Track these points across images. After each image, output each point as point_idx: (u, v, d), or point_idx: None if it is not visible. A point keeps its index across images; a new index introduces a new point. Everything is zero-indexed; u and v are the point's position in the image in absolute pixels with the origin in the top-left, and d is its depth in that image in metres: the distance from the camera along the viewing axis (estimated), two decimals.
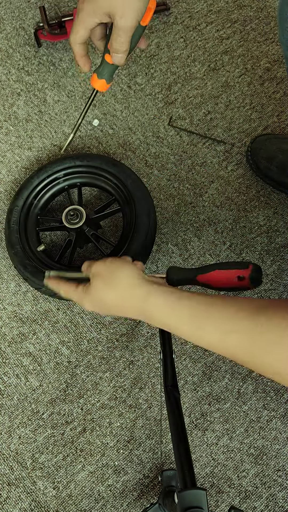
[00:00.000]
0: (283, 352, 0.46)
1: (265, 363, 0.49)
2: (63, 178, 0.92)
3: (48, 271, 0.70)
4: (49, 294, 0.82)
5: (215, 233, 0.94)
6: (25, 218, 0.87)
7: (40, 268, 0.81)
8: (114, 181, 0.89)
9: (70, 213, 0.84)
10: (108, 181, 0.90)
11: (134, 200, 0.85)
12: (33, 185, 0.90)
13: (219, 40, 1.13)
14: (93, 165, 0.90)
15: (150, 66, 1.10)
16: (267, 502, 0.76)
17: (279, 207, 0.96)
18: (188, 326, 0.55)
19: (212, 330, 0.52)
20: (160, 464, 0.78)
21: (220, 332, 0.52)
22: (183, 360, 0.84)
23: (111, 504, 0.75)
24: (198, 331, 0.54)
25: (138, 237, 0.82)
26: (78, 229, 0.85)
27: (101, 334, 0.86)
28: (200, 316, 0.54)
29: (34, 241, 0.86)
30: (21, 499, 0.75)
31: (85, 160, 0.91)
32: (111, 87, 1.07)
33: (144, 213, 0.84)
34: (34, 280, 0.81)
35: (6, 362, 0.83)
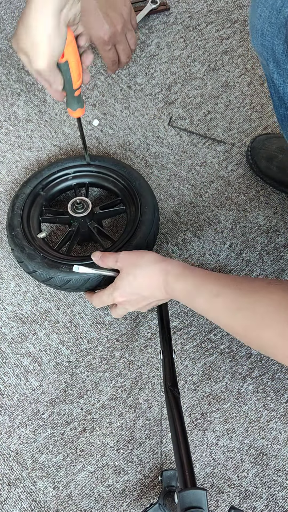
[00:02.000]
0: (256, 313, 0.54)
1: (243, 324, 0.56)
2: (72, 175, 0.93)
3: (76, 265, 0.75)
4: (42, 279, 0.81)
5: (215, 233, 0.94)
6: (30, 206, 0.88)
7: (38, 252, 0.81)
8: (122, 182, 0.90)
9: (76, 202, 0.85)
10: (117, 182, 0.91)
11: (140, 200, 0.86)
12: (43, 176, 0.91)
13: (219, 40, 1.13)
14: (103, 165, 0.92)
15: (150, 66, 1.10)
16: (267, 502, 0.76)
17: (279, 207, 0.96)
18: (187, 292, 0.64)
19: (204, 295, 0.61)
20: (160, 464, 0.78)
21: (209, 295, 0.60)
22: (183, 360, 0.84)
23: (111, 504, 0.76)
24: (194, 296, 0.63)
25: (141, 232, 0.82)
26: (82, 219, 0.85)
27: (101, 334, 0.86)
28: (199, 284, 0.63)
29: (36, 228, 0.87)
30: (21, 499, 0.75)
31: (96, 161, 0.92)
32: (111, 87, 1.07)
33: (149, 212, 0.85)
34: (29, 264, 0.80)
35: (6, 362, 0.83)
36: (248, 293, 0.56)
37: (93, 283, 0.79)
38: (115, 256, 0.73)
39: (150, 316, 0.87)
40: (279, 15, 0.63)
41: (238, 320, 0.57)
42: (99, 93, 1.07)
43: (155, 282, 0.68)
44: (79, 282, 0.79)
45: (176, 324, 0.87)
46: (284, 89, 0.68)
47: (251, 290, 0.56)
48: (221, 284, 0.60)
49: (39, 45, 0.58)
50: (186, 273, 0.66)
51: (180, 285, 0.65)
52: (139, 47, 1.12)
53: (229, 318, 0.58)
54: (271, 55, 0.67)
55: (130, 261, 0.71)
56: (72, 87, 0.67)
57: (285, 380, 0.83)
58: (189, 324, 0.87)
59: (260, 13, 0.66)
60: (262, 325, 0.53)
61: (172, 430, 0.59)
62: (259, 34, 0.67)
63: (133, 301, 0.72)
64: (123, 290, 0.71)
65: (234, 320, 0.58)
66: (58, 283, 0.80)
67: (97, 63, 1.09)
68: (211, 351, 0.85)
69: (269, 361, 0.84)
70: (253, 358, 0.84)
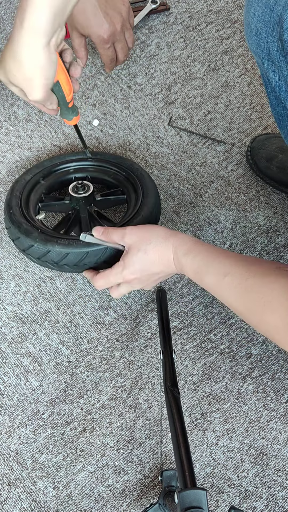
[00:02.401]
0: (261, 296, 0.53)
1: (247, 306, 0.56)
2: (74, 168, 0.93)
3: (84, 233, 0.72)
4: (38, 255, 0.79)
5: (215, 233, 0.94)
6: (29, 191, 0.89)
7: (35, 228, 0.80)
8: (123, 173, 0.91)
9: (78, 184, 0.86)
10: (118, 173, 0.91)
11: (141, 186, 0.86)
12: (44, 166, 0.92)
13: (219, 40, 1.13)
14: (104, 159, 0.93)
15: (150, 66, 1.10)
16: (267, 502, 0.76)
17: (279, 207, 0.96)
18: (196, 268, 0.63)
19: (213, 272, 0.60)
20: (160, 464, 0.78)
21: (217, 274, 0.59)
22: (183, 360, 0.84)
23: (111, 504, 0.76)
24: (202, 273, 0.62)
25: (143, 214, 0.81)
26: (82, 200, 0.85)
27: (101, 334, 0.86)
28: (209, 261, 0.62)
29: (34, 211, 0.87)
30: (21, 499, 0.75)
31: (98, 155, 0.93)
32: (111, 87, 1.08)
33: (151, 195, 0.85)
34: (26, 239, 0.79)
35: (6, 362, 0.83)
36: (256, 275, 0.55)
37: (92, 258, 0.76)
38: (121, 231, 0.70)
39: (150, 316, 0.87)
40: (272, 13, 0.62)
41: (244, 302, 0.56)
42: (99, 93, 1.07)
43: (165, 257, 0.66)
44: (77, 257, 0.76)
45: (176, 324, 0.87)
46: (280, 87, 0.68)
47: (260, 273, 0.55)
48: (231, 263, 0.59)
49: (33, 79, 0.58)
50: (196, 248, 0.64)
51: (189, 260, 0.64)
52: (139, 47, 1.12)
53: (235, 299, 0.57)
54: (266, 54, 0.67)
55: (140, 236, 0.68)
56: (65, 101, 0.69)
57: (285, 380, 0.83)
58: (189, 324, 0.87)
59: (254, 12, 0.66)
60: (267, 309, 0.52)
61: (172, 430, 0.59)
62: (254, 33, 0.67)
63: (143, 278, 0.70)
64: (134, 267, 0.68)
65: (240, 302, 0.57)
66: (55, 258, 0.77)
67: (97, 63, 1.09)
68: (211, 351, 0.85)
69: (269, 361, 0.84)
70: (253, 358, 0.84)
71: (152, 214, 0.83)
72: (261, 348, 0.85)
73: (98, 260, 0.77)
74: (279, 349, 0.85)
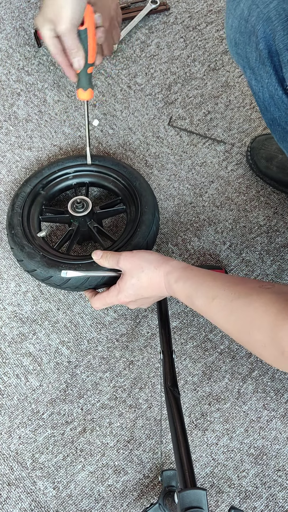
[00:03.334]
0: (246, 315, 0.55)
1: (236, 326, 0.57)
2: (72, 174, 0.93)
3: (64, 270, 0.74)
4: (41, 278, 0.81)
5: (215, 233, 0.94)
6: (30, 205, 0.88)
7: (38, 251, 0.81)
8: (122, 181, 0.90)
9: (77, 201, 0.86)
10: (117, 181, 0.91)
11: (140, 200, 0.86)
12: (43, 175, 0.91)
13: (219, 40, 1.13)
14: (104, 165, 0.92)
15: (150, 66, 1.10)
16: (267, 502, 0.76)
17: (279, 207, 0.96)
18: (188, 295, 0.65)
19: (202, 297, 0.62)
20: (160, 464, 0.78)
21: (206, 298, 0.61)
22: (183, 360, 0.84)
23: (111, 504, 0.76)
24: (193, 299, 0.64)
25: (141, 232, 0.82)
26: (82, 218, 0.85)
27: (101, 334, 0.86)
28: (198, 286, 0.64)
29: (35, 227, 0.87)
30: (21, 499, 0.75)
31: (96, 161, 0.92)
32: (111, 87, 1.07)
33: (150, 211, 0.84)
34: (29, 262, 0.80)
35: (6, 362, 0.83)
36: (241, 295, 0.57)
37: (93, 282, 0.79)
38: (116, 257, 0.73)
39: (150, 316, 0.87)
40: (247, 24, 0.64)
41: (232, 322, 0.58)
42: (99, 93, 1.07)
43: (157, 284, 0.69)
44: (78, 281, 0.79)
45: (176, 324, 0.87)
46: (263, 95, 0.69)
47: (244, 293, 0.57)
48: (217, 286, 0.61)
49: (63, 9, 0.67)
50: (186, 274, 0.66)
51: (180, 286, 0.66)
52: (139, 47, 1.12)
53: (224, 321, 0.60)
54: (246, 63, 0.68)
55: (133, 263, 0.71)
56: (87, 60, 0.74)
57: (285, 380, 0.83)
58: (189, 324, 0.87)
59: (232, 24, 0.68)
60: (253, 327, 0.54)
61: (172, 430, 0.59)
62: (233, 43, 0.69)
63: (137, 301, 0.74)
64: (128, 292, 0.72)
65: (228, 323, 0.59)
66: (57, 282, 0.80)
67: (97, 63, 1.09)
68: (211, 351, 0.85)
69: None
70: (253, 358, 0.84)
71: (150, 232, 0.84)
72: None
73: (98, 283, 0.79)
74: None
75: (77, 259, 0.81)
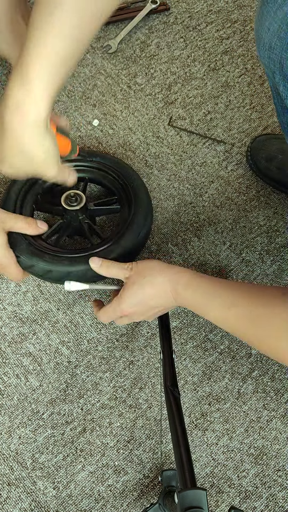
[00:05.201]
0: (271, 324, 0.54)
1: (257, 335, 0.56)
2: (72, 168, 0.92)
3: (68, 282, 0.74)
4: (24, 266, 0.80)
5: (215, 233, 0.94)
6: (25, 193, 0.87)
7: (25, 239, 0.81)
8: (120, 181, 0.90)
9: (70, 195, 0.85)
10: (115, 180, 0.90)
11: (135, 201, 0.85)
12: None
13: (219, 40, 1.13)
14: (104, 163, 0.91)
15: (150, 66, 1.10)
16: (267, 502, 0.76)
17: (279, 207, 0.96)
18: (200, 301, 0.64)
19: (217, 306, 0.61)
20: (160, 464, 0.78)
21: (222, 307, 0.60)
22: (183, 360, 0.84)
23: (111, 504, 0.76)
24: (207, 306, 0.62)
25: (131, 234, 0.81)
26: (74, 212, 0.84)
27: (101, 334, 0.86)
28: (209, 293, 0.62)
29: (28, 215, 0.85)
30: (21, 499, 0.75)
31: (98, 157, 0.91)
32: (111, 87, 1.07)
33: (142, 214, 0.83)
34: (14, 249, 0.80)
35: (6, 362, 0.83)
36: (262, 304, 0.56)
37: (75, 278, 0.77)
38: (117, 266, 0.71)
39: None
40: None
41: (253, 331, 0.56)
42: (99, 93, 1.07)
43: (162, 291, 0.67)
44: (60, 275, 0.77)
45: (176, 324, 0.87)
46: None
47: (266, 301, 0.56)
48: (234, 295, 0.60)
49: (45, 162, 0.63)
50: (196, 282, 0.64)
51: (189, 294, 0.64)
52: (139, 47, 1.12)
53: (243, 330, 0.58)
54: (279, 69, 0.65)
55: (135, 270, 0.69)
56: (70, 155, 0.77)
57: (285, 380, 0.83)
58: (189, 324, 0.87)
59: (269, 27, 0.64)
60: (278, 336, 0.53)
61: (172, 430, 0.59)
62: (267, 47, 0.66)
63: (142, 311, 0.71)
64: (130, 301, 0.69)
65: (248, 332, 0.57)
66: (39, 272, 0.79)
67: (96, 63, 1.09)
68: (211, 351, 0.85)
69: (269, 361, 0.84)
70: (253, 358, 0.84)
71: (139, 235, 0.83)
72: None
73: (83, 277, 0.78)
74: None
75: (63, 252, 0.80)
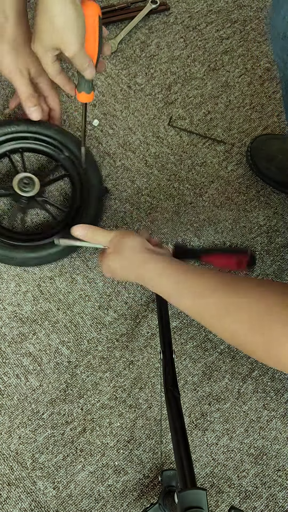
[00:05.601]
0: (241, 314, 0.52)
1: (225, 324, 0.54)
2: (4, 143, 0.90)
3: (57, 238, 0.76)
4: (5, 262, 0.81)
5: (215, 233, 0.94)
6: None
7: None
8: (59, 146, 0.89)
9: (23, 181, 0.84)
10: (53, 146, 0.90)
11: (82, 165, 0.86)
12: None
13: (219, 40, 1.13)
14: (36, 130, 0.89)
15: (150, 66, 1.10)
16: (267, 502, 0.76)
17: (279, 207, 0.96)
18: (171, 290, 0.62)
19: (188, 294, 0.59)
20: (160, 464, 0.78)
21: (193, 295, 0.58)
22: (183, 360, 0.84)
23: (111, 504, 0.76)
24: (178, 296, 0.61)
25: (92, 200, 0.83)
26: (30, 197, 0.85)
27: (101, 334, 0.86)
28: (181, 282, 0.61)
29: None
30: (21, 499, 0.75)
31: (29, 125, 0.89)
32: (111, 87, 1.07)
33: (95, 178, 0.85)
34: None
35: (6, 362, 0.83)
36: (237, 295, 0.54)
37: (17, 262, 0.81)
38: (105, 234, 0.74)
39: (150, 316, 0.87)
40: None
41: (226, 324, 0.54)
42: (99, 93, 1.07)
43: (134, 275, 0.68)
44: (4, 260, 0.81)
45: (176, 324, 0.87)
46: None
47: (241, 293, 0.54)
48: (206, 284, 0.58)
49: (67, 33, 0.65)
50: (169, 270, 0.63)
51: (163, 282, 0.63)
52: (139, 47, 1.12)
53: (216, 322, 0.56)
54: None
55: (115, 243, 0.71)
56: None
57: (285, 380, 0.83)
58: (189, 324, 0.87)
59: (284, 15, 0.64)
60: (253, 330, 0.51)
61: (172, 430, 0.59)
62: (281, 36, 0.65)
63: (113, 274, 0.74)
64: (106, 267, 0.73)
65: (221, 324, 0.55)
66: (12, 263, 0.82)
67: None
68: (211, 351, 0.85)
69: None
70: (253, 358, 0.84)
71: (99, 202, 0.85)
72: None
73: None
74: None
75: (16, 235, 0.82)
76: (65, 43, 0.66)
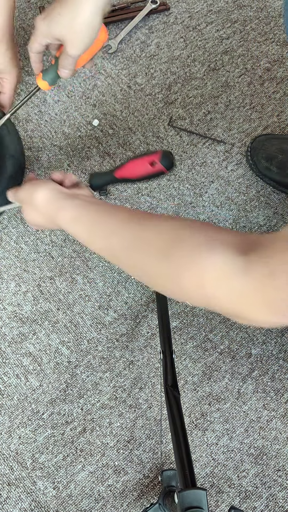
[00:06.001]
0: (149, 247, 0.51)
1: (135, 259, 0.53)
2: None
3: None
4: None
5: None
6: None
7: None
8: None
9: None
10: None
11: None
12: None
13: (219, 40, 1.13)
14: None
15: (150, 66, 1.10)
16: (267, 502, 0.76)
17: (279, 207, 0.96)
18: (86, 234, 0.60)
19: (100, 234, 0.58)
20: (160, 464, 0.78)
21: (105, 235, 0.57)
22: (183, 360, 0.84)
23: (111, 504, 0.76)
24: (93, 238, 0.59)
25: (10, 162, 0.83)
26: None
27: (101, 334, 0.86)
28: (95, 224, 0.59)
29: None
30: (21, 499, 0.75)
31: None
32: (111, 87, 1.07)
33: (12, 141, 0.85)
34: None
35: (6, 362, 0.83)
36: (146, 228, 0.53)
37: None
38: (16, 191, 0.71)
39: (150, 316, 0.87)
40: None
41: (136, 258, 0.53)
42: (99, 93, 1.07)
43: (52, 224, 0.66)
44: None
45: (176, 324, 0.87)
46: None
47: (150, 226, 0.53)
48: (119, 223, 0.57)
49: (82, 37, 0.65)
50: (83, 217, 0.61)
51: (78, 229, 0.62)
52: (139, 47, 1.12)
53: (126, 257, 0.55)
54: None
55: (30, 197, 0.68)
56: None
57: (285, 380, 0.83)
58: (189, 324, 0.87)
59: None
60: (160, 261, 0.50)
61: (172, 430, 0.59)
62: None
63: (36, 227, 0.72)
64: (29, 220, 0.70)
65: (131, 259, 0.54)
66: None
67: (97, 63, 1.09)
68: (211, 351, 0.85)
69: (269, 361, 0.84)
70: (253, 358, 0.84)
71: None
72: (261, 348, 0.85)
73: None
74: (279, 349, 0.85)
75: None
76: (72, 43, 0.66)
